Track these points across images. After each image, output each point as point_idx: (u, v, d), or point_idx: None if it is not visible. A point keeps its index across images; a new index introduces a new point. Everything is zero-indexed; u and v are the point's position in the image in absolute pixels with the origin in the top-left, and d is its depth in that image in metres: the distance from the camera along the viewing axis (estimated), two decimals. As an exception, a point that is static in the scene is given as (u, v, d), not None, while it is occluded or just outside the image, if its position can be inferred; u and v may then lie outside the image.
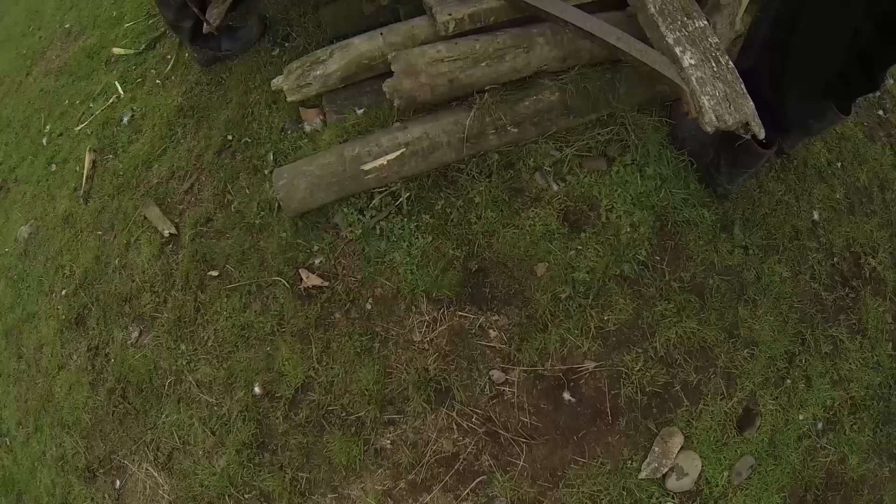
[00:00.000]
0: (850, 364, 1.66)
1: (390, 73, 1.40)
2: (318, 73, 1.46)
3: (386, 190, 1.46)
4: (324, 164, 1.44)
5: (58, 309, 2.00)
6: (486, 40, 1.38)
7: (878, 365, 1.70)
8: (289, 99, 1.50)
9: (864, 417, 1.65)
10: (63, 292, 2.01)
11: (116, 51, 2.31)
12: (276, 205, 1.56)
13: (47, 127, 2.45)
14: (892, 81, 2.26)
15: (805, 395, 1.61)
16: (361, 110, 1.48)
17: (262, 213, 1.61)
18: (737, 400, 1.54)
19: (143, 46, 2.18)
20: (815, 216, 1.80)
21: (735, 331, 1.57)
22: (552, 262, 1.45)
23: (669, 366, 1.49)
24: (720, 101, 1.29)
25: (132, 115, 2.07)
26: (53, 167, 2.31)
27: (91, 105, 2.29)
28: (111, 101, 2.18)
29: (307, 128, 1.58)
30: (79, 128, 2.27)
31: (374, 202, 1.46)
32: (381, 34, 1.44)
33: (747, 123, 1.30)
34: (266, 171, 1.63)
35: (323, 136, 1.51)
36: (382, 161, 1.40)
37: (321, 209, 1.51)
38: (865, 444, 1.63)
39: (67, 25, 2.75)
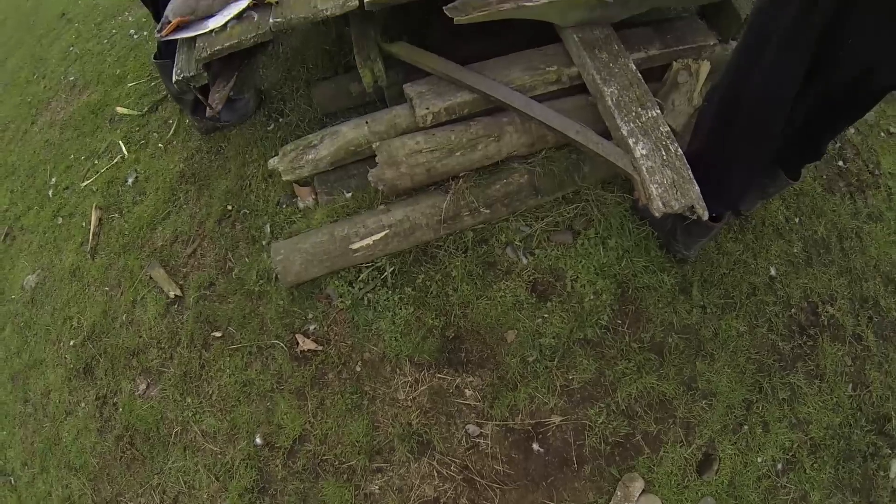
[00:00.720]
0: (809, 407, 1.76)
1: (375, 157, 1.56)
2: (310, 157, 1.61)
3: (372, 265, 1.61)
4: (317, 243, 1.59)
5: (66, 358, 2.11)
6: (460, 130, 1.53)
7: (838, 406, 1.79)
8: (284, 178, 1.65)
9: (825, 456, 1.74)
10: (71, 343, 2.12)
11: (120, 110, 2.44)
12: (275, 275, 1.71)
13: (53, 179, 2.58)
14: (852, 131, 2.38)
15: (763, 439, 1.71)
16: (349, 193, 1.63)
17: (261, 281, 1.76)
18: (696, 446, 1.66)
19: (146, 109, 2.32)
20: (772, 272, 1.91)
21: (693, 384, 1.69)
22: (521, 329, 1.60)
23: (631, 418, 1.64)
24: (667, 188, 1.44)
25: (136, 177, 2.21)
26: (60, 220, 2.43)
27: (96, 162, 2.43)
28: (116, 160, 2.32)
29: (301, 204, 1.73)
30: (84, 184, 2.41)
31: (361, 276, 1.61)
32: (367, 123, 1.59)
33: (692, 207, 1.45)
34: (264, 242, 1.77)
35: (315, 214, 1.66)
36: (369, 241, 1.55)
37: (315, 281, 1.66)
38: (827, 481, 1.73)
39: (72, 78, 2.88)
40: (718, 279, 1.81)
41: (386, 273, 1.61)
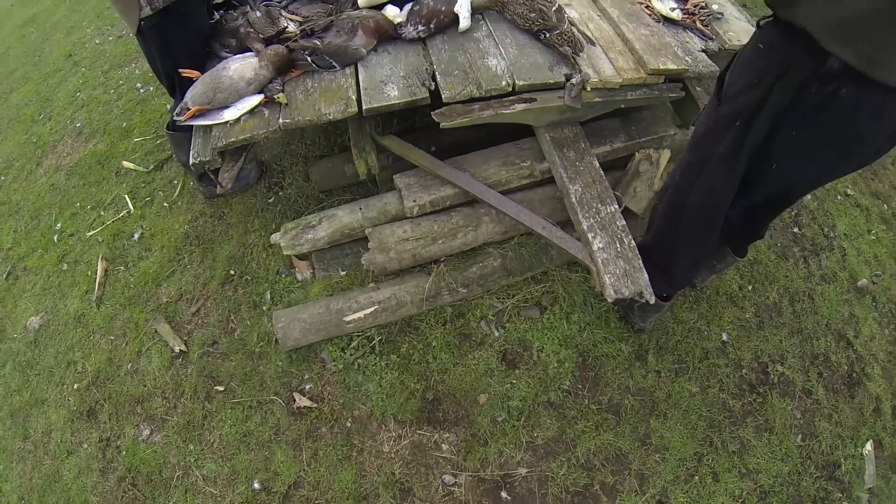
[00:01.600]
0: (758, 458, 1.89)
1: (367, 240, 1.76)
2: (309, 236, 1.81)
3: (362, 334, 1.81)
4: (314, 314, 1.78)
5: (69, 400, 2.23)
6: (442, 221, 1.75)
7: (787, 455, 1.92)
8: (284, 252, 1.85)
9: (774, 502, 1.85)
10: (75, 386, 2.23)
11: (126, 164, 2.59)
12: (275, 339, 1.90)
13: (58, 224, 2.71)
14: (808, 197, 2.56)
15: (713, 488, 1.83)
16: (344, 272, 1.83)
17: (262, 343, 1.94)
18: (650, 495, 1.79)
19: (152, 167, 2.48)
20: (724, 337, 2.08)
21: (647, 439, 1.86)
22: (492, 392, 1.82)
23: (589, 470, 1.84)
24: (619, 277, 1.66)
25: (142, 233, 2.37)
26: (65, 266, 2.54)
27: (102, 213, 2.57)
28: (122, 214, 2.47)
29: (299, 276, 1.93)
30: (90, 233, 2.54)
31: (353, 344, 1.82)
32: (360, 209, 1.80)
33: (641, 293, 1.68)
34: (264, 308, 1.96)
35: (313, 288, 1.86)
36: (360, 314, 1.76)
37: (311, 346, 1.85)
38: (776, 526, 1.86)
39: (78, 124, 3.00)
40: (673, 346, 2.01)
41: (374, 342, 1.82)
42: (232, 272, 2.07)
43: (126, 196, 2.51)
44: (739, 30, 2.00)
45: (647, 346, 1.98)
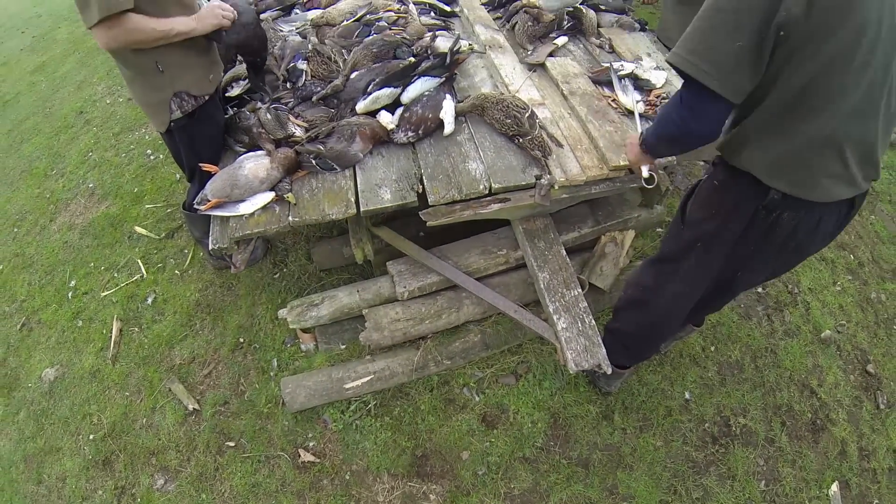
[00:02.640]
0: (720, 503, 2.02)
1: (364, 319, 2.01)
2: (313, 313, 2.06)
3: (360, 399, 2.06)
4: (318, 381, 2.03)
5: (84, 449, 2.39)
6: (429, 304, 2.01)
7: (750, 500, 2.04)
8: (290, 326, 2.09)
9: None
10: (91, 436, 2.40)
11: (139, 230, 2.80)
12: (282, 402, 2.14)
13: (72, 282, 2.90)
14: None
15: None
16: (344, 346, 2.08)
17: (270, 404, 2.18)
18: None
19: (163, 234, 2.69)
20: (687, 395, 2.25)
21: (615, 489, 2.04)
22: (473, 450, 2.07)
23: (562, 518, 2.10)
24: (580, 352, 1.91)
25: (155, 298, 2.59)
26: (80, 323, 2.72)
27: (115, 275, 2.77)
28: (136, 278, 2.68)
29: (303, 347, 2.17)
30: (104, 294, 2.74)
31: (351, 407, 2.06)
32: (358, 291, 2.05)
33: (599, 365, 1.93)
34: (272, 374, 2.20)
35: (316, 359, 2.11)
36: (358, 383, 2.00)
37: (314, 408, 2.09)
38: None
39: (91, 185, 3.20)
40: (638, 405, 2.20)
41: (370, 405, 2.07)
42: (241, 340, 2.30)
43: (139, 261, 2.73)
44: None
45: (613, 406, 2.20)
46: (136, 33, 1.70)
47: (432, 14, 2.61)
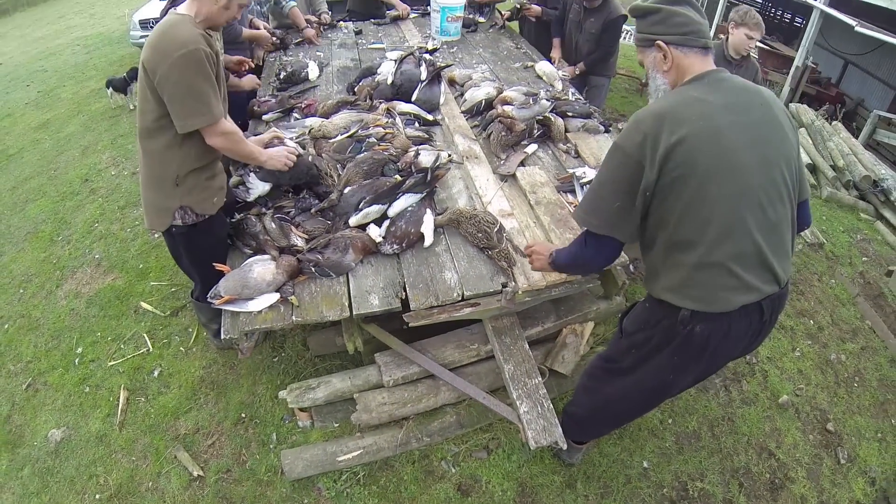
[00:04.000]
0: None
1: (355, 402, 2.32)
2: (310, 395, 2.36)
3: (350, 470, 2.35)
4: (314, 454, 2.32)
5: None
6: (411, 390, 2.33)
7: None
8: (290, 406, 2.38)
9: None
10: (97, 496, 2.55)
11: (145, 306, 3.04)
12: (280, 471, 2.39)
13: (79, 349, 3.09)
14: None
15: None
16: (337, 424, 2.38)
17: (269, 473, 2.42)
18: None
19: (168, 312, 2.95)
20: (645, 464, 2.44)
21: None
22: (449, 516, 2.37)
23: (531, 571, 2.39)
24: (539, 431, 2.22)
25: (161, 371, 2.82)
26: (87, 388, 2.90)
27: (122, 346, 2.99)
28: (142, 351, 2.91)
29: (300, 424, 2.46)
30: (111, 363, 2.94)
31: (343, 477, 2.35)
32: (350, 378, 2.36)
33: (556, 441, 2.25)
34: (271, 446, 2.47)
35: (312, 435, 2.40)
36: (349, 456, 2.30)
37: (310, 478, 2.37)
38: None
39: (97, 256, 3.40)
40: (599, 475, 2.42)
41: (359, 476, 2.35)
42: (243, 415, 2.58)
43: (145, 335, 2.97)
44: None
45: (576, 476, 2.42)
46: (238, 146, 2.13)
47: (416, 125, 2.98)
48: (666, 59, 1.62)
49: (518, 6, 4.72)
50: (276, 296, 2.23)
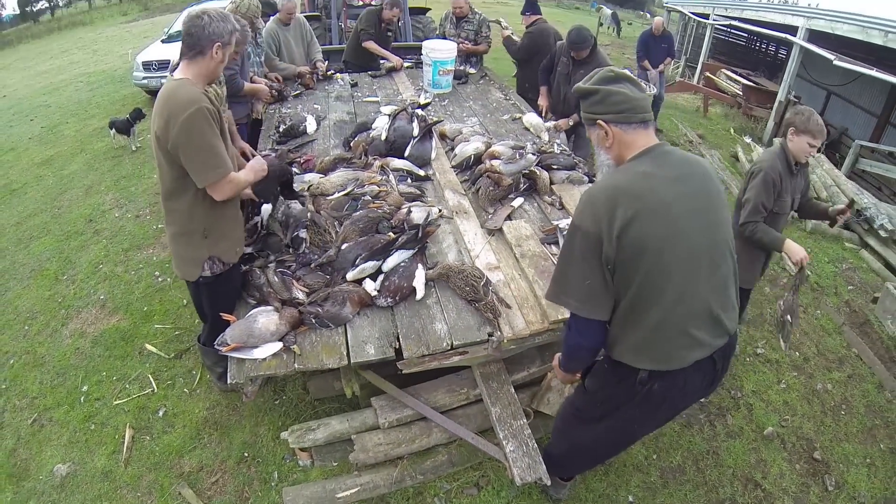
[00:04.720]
0: None
1: (353, 443, 2.50)
2: (310, 436, 2.53)
3: (347, 509, 2.52)
4: (314, 491, 2.48)
5: None
6: (405, 431, 2.51)
7: None
8: (291, 446, 2.55)
9: None
10: None
11: (149, 348, 3.18)
12: (282, 507, 2.56)
13: (84, 387, 3.21)
14: None
15: None
16: (336, 463, 2.55)
17: (271, 510, 2.60)
18: None
19: (173, 355, 3.09)
20: (630, 499, 2.53)
21: None
22: (445, 546, 2.53)
23: None
24: (524, 469, 2.40)
25: (165, 411, 2.95)
26: (92, 426, 3.01)
27: (127, 386, 3.11)
28: (147, 391, 3.05)
29: (301, 463, 2.62)
30: (116, 402, 3.06)
31: (340, 515, 2.51)
32: (348, 420, 2.54)
33: (540, 478, 2.43)
34: (273, 484, 2.62)
35: (312, 473, 2.56)
36: (347, 493, 2.47)
37: (309, 514, 2.53)
38: None
39: (102, 297, 3.54)
40: None
41: (356, 513, 2.52)
42: (246, 454, 2.73)
43: (150, 376, 3.12)
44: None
45: None
46: (240, 185, 2.24)
47: (409, 180, 3.21)
48: (607, 136, 1.70)
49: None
50: (280, 345, 2.41)
